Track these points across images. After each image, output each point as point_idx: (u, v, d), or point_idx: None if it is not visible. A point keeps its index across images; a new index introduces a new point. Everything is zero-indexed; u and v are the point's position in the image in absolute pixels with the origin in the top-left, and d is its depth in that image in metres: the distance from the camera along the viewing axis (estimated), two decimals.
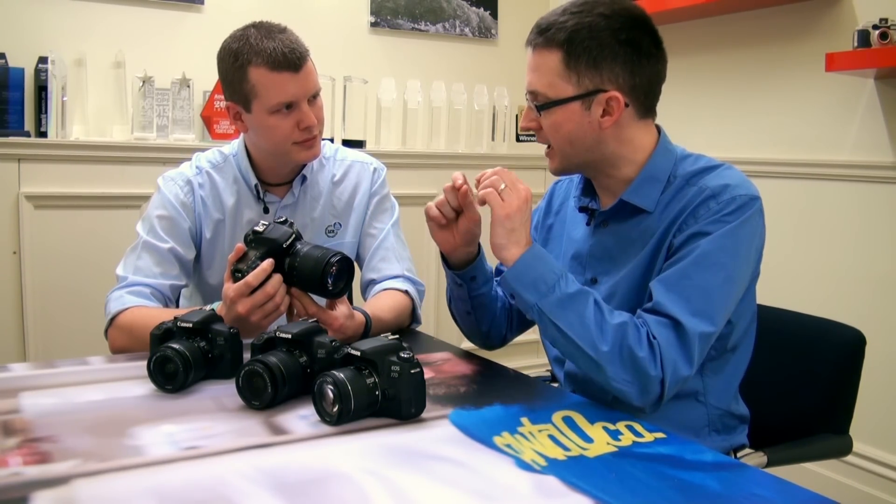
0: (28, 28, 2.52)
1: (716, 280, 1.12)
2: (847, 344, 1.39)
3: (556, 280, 1.13)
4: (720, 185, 1.17)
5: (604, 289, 1.25)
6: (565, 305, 1.12)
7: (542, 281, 1.13)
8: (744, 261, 1.16)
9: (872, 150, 2.33)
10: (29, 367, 1.28)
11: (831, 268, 2.45)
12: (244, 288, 1.26)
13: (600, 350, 1.10)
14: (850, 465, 2.35)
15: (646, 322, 1.12)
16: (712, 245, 1.13)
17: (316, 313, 1.29)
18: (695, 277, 1.12)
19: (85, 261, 2.48)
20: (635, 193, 1.22)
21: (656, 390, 1.10)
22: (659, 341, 1.10)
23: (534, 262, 1.14)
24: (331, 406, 1.00)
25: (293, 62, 1.41)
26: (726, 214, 1.14)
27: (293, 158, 1.51)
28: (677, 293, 1.12)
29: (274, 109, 1.43)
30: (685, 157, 1.25)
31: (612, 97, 1.17)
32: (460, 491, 0.84)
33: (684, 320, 1.10)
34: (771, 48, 2.61)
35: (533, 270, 1.14)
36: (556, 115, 1.19)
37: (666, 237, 1.19)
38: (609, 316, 1.12)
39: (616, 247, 1.26)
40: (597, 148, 1.21)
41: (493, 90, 3.26)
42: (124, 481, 0.84)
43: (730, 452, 1.27)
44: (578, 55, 1.15)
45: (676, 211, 1.18)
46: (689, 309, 1.11)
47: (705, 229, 1.14)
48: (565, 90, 1.17)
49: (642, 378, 1.09)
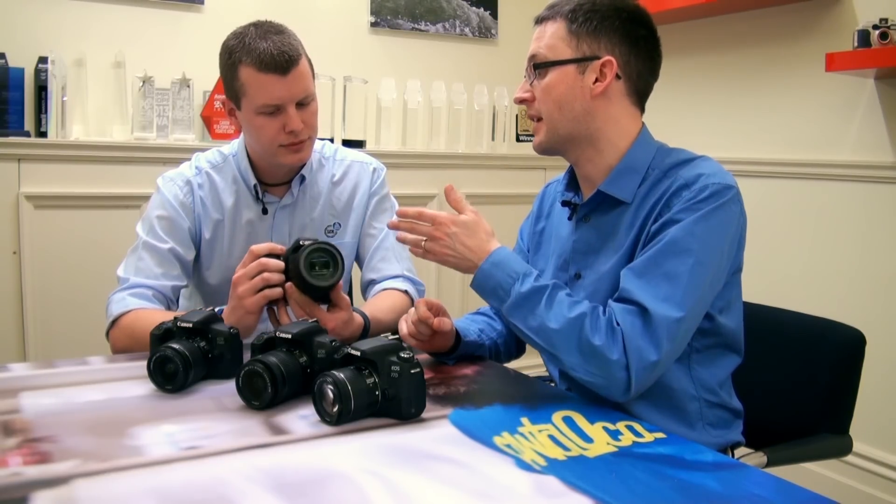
0: (28, 28, 2.52)
1: (684, 266, 1.12)
2: (847, 344, 1.39)
3: (511, 284, 1.15)
4: (694, 174, 1.18)
5: (588, 283, 1.26)
6: (521, 306, 1.15)
7: (499, 287, 1.17)
8: (716, 248, 1.15)
9: (872, 150, 2.33)
10: (29, 367, 1.28)
11: (831, 268, 2.45)
12: (247, 256, 1.30)
13: (558, 345, 1.12)
14: (850, 465, 2.35)
15: (612, 310, 1.13)
16: (681, 231, 1.13)
17: (310, 313, 1.28)
18: (663, 264, 1.13)
19: (85, 261, 2.48)
20: (613, 184, 1.23)
21: (622, 376, 1.10)
22: (623, 328, 1.10)
23: (491, 271, 1.17)
24: (331, 406, 1.00)
25: (281, 65, 1.41)
26: (698, 202, 1.14)
27: (279, 161, 1.51)
28: (645, 280, 1.13)
29: (260, 110, 1.44)
30: (665, 150, 1.26)
31: (607, 62, 1.20)
32: (460, 491, 0.84)
33: (651, 306, 1.10)
34: (771, 48, 2.61)
35: (491, 279, 1.17)
36: (551, 77, 1.22)
37: (643, 230, 1.20)
38: (567, 309, 1.12)
39: (598, 241, 1.26)
40: (584, 119, 1.22)
41: (493, 90, 3.26)
42: (124, 481, 0.84)
43: (727, 450, 1.28)
44: (581, 23, 1.21)
45: (652, 202, 1.19)
46: (655, 294, 1.11)
47: (676, 217, 1.15)
48: (564, 52, 1.22)
49: (604, 366, 1.10)
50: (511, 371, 1.31)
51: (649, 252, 1.15)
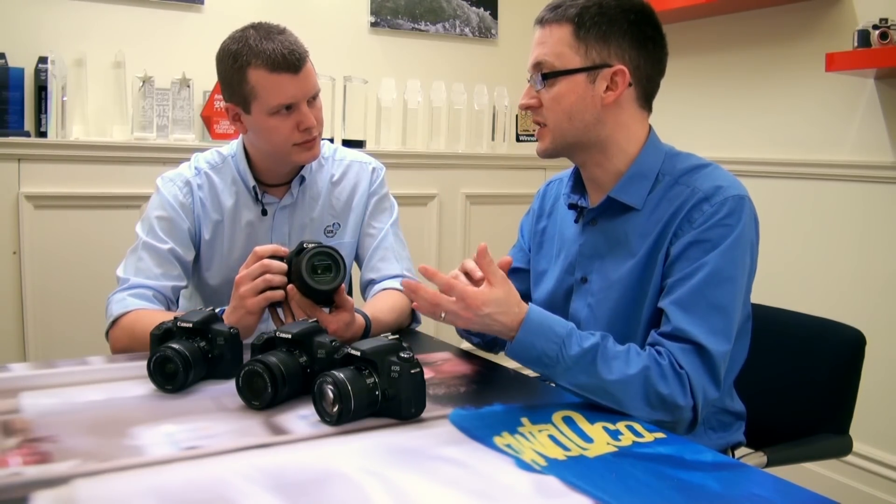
0: (28, 28, 2.52)
1: (729, 295, 1.13)
2: (847, 344, 1.39)
3: (557, 350, 1.09)
4: (712, 186, 1.17)
5: (596, 288, 1.25)
6: (572, 369, 1.09)
7: (544, 355, 1.09)
8: (746, 267, 1.17)
9: (872, 150, 2.33)
10: (29, 367, 1.28)
11: (831, 268, 2.45)
12: (251, 257, 1.30)
13: (626, 404, 1.08)
14: (850, 465, 2.35)
15: (669, 352, 1.11)
16: (721, 259, 1.13)
17: (311, 315, 1.28)
18: (709, 296, 1.12)
19: (85, 261, 2.48)
20: (623, 191, 1.22)
21: (689, 417, 1.10)
22: (686, 370, 1.09)
23: (531, 339, 1.09)
24: (331, 406, 1.00)
25: (292, 63, 1.41)
26: (723, 218, 1.14)
27: (293, 160, 1.51)
28: (694, 314, 1.12)
29: (273, 111, 1.43)
30: (673, 154, 1.26)
31: (619, 71, 1.18)
32: (460, 491, 0.84)
33: (706, 342, 1.10)
34: (771, 48, 2.61)
35: (532, 348, 1.09)
36: (560, 87, 1.19)
37: (661, 242, 1.18)
38: (625, 364, 1.09)
39: (605, 245, 1.26)
40: (594, 127, 1.21)
41: (493, 90, 3.26)
42: (124, 481, 0.84)
43: (727, 450, 1.28)
44: (588, 28, 1.17)
45: (669, 214, 1.18)
46: (708, 329, 1.11)
47: (704, 237, 1.14)
48: (572, 61, 1.18)
49: (674, 412, 1.09)
50: (511, 371, 1.31)
51: (692, 283, 1.13)
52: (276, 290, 1.30)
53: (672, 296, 1.14)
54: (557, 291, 1.31)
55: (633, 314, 1.20)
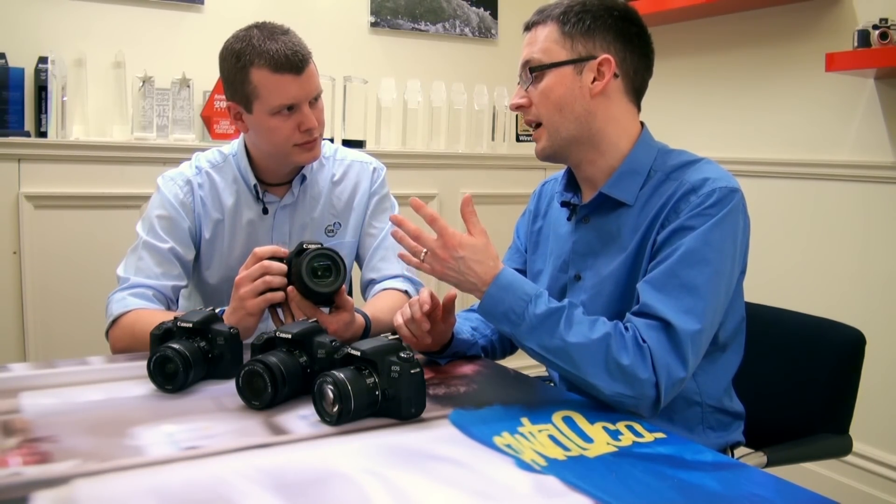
0: (28, 28, 2.52)
1: (702, 276, 1.12)
2: (847, 344, 1.39)
3: (524, 308, 1.10)
4: (700, 178, 1.17)
5: (589, 285, 1.25)
6: (537, 328, 1.10)
7: (511, 311, 1.11)
8: (729, 255, 1.15)
9: (872, 150, 2.33)
10: (29, 367, 1.28)
11: (831, 268, 2.45)
12: (251, 258, 1.31)
13: (585, 369, 1.08)
14: (850, 465, 2.35)
15: (634, 325, 1.11)
16: (697, 241, 1.12)
17: (311, 316, 1.28)
18: (681, 275, 1.12)
19: (85, 261, 2.48)
20: (615, 187, 1.23)
21: (651, 394, 1.08)
22: (650, 344, 1.09)
23: (500, 295, 1.11)
24: (331, 406, 1.00)
25: (295, 64, 1.41)
26: (708, 207, 1.14)
27: (293, 160, 1.51)
28: (665, 293, 1.11)
29: (275, 111, 1.43)
30: (666, 151, 1.26)
31: (604, 60, 1.20)
32: (460, 491, 0.84)
33: (674, 320, 1.09)
34: (771, 48, 2.61)
35: (501, 303, 1.11)
36: (548, 80, 1.22)
37: (649, 234, 1.19)
38: (589, 329, 1.09)
39: (598, 242, 1.26)
40: (585, 119, 1.22)
41: (493, 90, 3.26)
42: (124, 481, 0.84)
43: (726, 450, 1.28)
44: (574, 23, 1.21)
45: (658, 207, 1.19)
46: (677, 308, 1.10)
47: (688, 224, 1.14)
48: (559, 55, 1.21)
49: (634, 385, 1.08)
50: (511, 371, 1.31)
51: (666, 263, 1.13)
52: (276, 292, 1.30)
53: (647, 277, 1.15)
54: (552, 290, 1.31)
55: (626, 308, 1.19)
